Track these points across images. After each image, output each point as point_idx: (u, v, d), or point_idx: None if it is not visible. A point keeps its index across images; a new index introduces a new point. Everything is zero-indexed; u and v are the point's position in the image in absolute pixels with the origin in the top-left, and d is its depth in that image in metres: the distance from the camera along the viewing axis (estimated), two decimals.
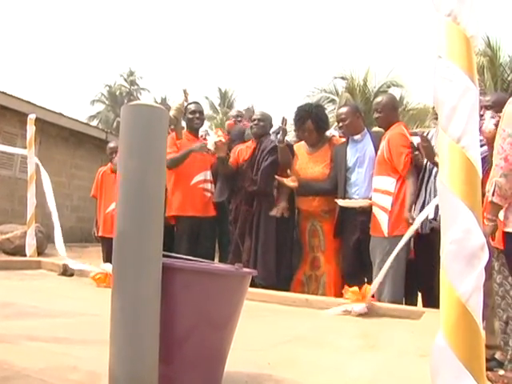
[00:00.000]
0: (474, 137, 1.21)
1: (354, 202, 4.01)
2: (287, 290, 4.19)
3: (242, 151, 4.62)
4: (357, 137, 4.19)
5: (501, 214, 2.22)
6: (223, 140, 4.42)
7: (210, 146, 4.42)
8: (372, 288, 3.46)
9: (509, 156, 1.96)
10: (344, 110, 4.29)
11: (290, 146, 4.50)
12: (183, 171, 4.56)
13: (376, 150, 4.06)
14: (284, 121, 4.32)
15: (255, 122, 4.57)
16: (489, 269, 2.20)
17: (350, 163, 4.15)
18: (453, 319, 1.13)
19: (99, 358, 1.71)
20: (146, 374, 1.53)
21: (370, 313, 3.42)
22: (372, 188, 3.94)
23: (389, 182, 3.81)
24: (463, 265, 1.14)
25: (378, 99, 4.27)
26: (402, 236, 3.68)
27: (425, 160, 3.76)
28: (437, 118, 1.40)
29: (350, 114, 4.20)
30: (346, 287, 3.55)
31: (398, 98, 6.33)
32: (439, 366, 1.15)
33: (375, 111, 4.06)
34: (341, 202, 4.03)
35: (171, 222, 4.59)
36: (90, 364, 1.95)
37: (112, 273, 1.61)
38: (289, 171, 4.30)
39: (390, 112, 4.01)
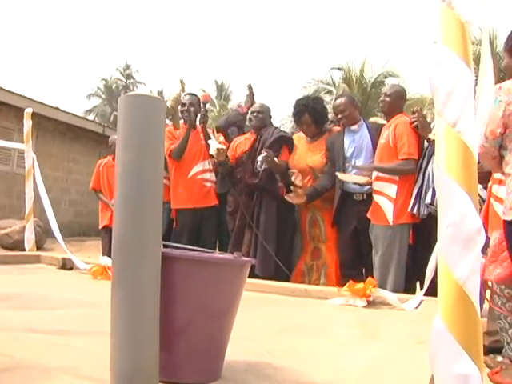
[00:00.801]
0: (470, 121, 1.22)
1: (354, 177, 3.98)
2: (287, 281, 4.20)
3: (241, 144, 4.61)
4: (354, 127, 4.17)
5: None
6: (224, 147, 4.47)
7: (212, 151, 4.43)
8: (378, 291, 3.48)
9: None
10: (341, 100, 4.26)
11: (289, 139, 4.53)
12: (181, 164, 4.56)
13: (373, 140, 4.06)
14: (267, 153, 4.19)
15: (254, 115, 4.55)
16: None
17: (347, 153, 4.14)
18: (450, 302, 1.15)
19: (100, 349, 1.72)
20: (146, 364, 1.55)
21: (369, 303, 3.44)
22: (374, 177, 3.90)
23: None
24: (460, 248, 1.15)
25: (390, 85, 4.30)
26: (406, 224, 3.73)
27: (425, 146, 3.77)
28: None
29: (348, 105, 4.19)
30: (351, 282, 3.53)
31: None
32: (437, 349, 1.16)
33: (384, 94, 4.03)
34: (340, 176, 3.99)
35: (171, 215, 4.63)
36: (91, 355, 1.96)
37: (112, 264, 1.62)
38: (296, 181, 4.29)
39: (398, 101, 4.00)
